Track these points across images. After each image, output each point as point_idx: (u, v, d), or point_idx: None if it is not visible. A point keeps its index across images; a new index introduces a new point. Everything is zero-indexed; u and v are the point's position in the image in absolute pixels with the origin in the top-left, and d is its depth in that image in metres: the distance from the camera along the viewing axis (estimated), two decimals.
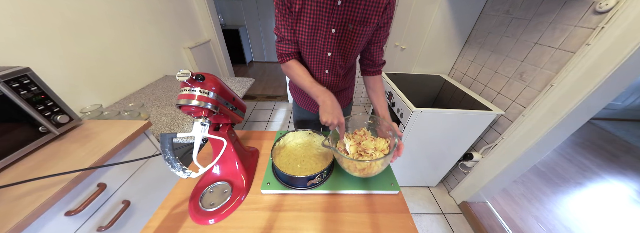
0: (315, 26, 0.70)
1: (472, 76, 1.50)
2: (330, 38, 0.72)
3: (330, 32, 0.71)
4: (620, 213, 1.63)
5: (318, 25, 0.70)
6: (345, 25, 0.70)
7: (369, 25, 0.70)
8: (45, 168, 0.62)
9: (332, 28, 0.70)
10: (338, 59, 0.79)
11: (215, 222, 0.55)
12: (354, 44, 0.75)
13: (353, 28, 0.70)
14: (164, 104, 1.23)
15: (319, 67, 0.83)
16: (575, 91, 0.91)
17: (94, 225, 0.68)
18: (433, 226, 1.45)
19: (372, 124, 0.72)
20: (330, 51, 0.76)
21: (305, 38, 0.73)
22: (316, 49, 0.76)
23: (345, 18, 0.68)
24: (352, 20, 0.69)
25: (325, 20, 0.68)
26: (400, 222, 0.57)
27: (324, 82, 0.88)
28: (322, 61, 0.80)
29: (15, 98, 0.61)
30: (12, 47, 0.84)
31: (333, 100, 0.64)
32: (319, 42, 0.74)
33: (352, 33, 0.71)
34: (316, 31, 0.71)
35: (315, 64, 0.82)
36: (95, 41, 1.15)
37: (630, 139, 2.54)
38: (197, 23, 2.11)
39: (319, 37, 0.73)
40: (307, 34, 0.72)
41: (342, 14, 0.67)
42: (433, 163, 1.52)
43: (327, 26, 0.70)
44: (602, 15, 0.84)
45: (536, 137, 1.07)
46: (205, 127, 0.48)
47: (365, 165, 0.59)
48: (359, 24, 0.69)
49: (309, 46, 0.76)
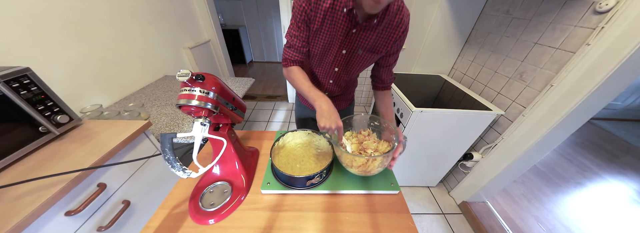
0: (328, 45, 0.74)
1: (472, 76, 1.50)
2: (340, 57, 0.77)
3: (341, 53, 0.75)
4: (620, 213, 1.63)
5: (331, 45, 0.74)
6: (356, 49, 0.74)
7: (377, 54, 0.75)
8: (45, 168, 0.62)
9: (343, 49, 0.74)
10: (343, 74, 0.84)
11: (215, 222, 0.55)
12: (361, 65, 0.80)
13: (362, 53, 0.75)
14: (164, 104, 1.23)
15: (324, 77, 0.87)
16: (575, 91, 0.91)
17: (94, 225, 0.68)
18: (433, 226, 1.45)
19: (378, 126, 0.73)
20: (337, 67, 0.81)
21: (317, 53, 0.78)
22: (325, 63, 0.81)
23: (357, 44, 0.72)
24: (363, 47, 0.73)
25: (338, 42, 0.72)
26: (400, 222, 0.57)
27: (327, 89, 0.92)
28: (329, 74, 0.85)
29: (15, 98, 0.61)
30: (12, 47, 0.84)
31: (330, 105, 0.65)
32: (328, 58, 0.78)
33: (361, 57, 0.76)
34: (329, 49, 0.75)
35: (322, 75, 0.87)
36: (95, 41, 1.15)
37: (630, 139, 2.54)
38: (197, 23, 2.11)
39: (330, 55, 0.77)
40: (320, 50, 0.76)
41: (355, 40, 0.71)
42: (433, 163, 1.52)
43: (340, 47, 0.74)
44: (602, 15, 0.84)
45: (536, 137, 1.07)
46: (205, 127, 0.48)
47: (362, 160, 0.61)
48: (368, 51, 0.74)
49: (319, 60, 0.81)
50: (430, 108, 1.15)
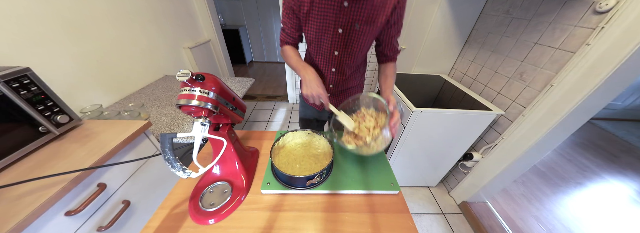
0: (323, 27, 0.71)
1: (472, 76, 1.50)
2: (337, 38, 0.74)
3: (338, 32, 0.72)
4: (620, 213, 1.63)
5: (326, 26, 0.71)
6: (353, 25, 0.70)
7: (376, 25, 0.71)
8: (45, 168, 0.62)
9: (339, 28, 0.71)
10: (345, 58, 0.81)
11: (215, 222, 0.55)
12: (361, 43, 0.76)
13: (360, 28, 0.71)
14: (164, 104, 1.23)
15: (326, 66, 0.85)
16: (575, 91, 0.91)
17: (94, 225, 0.68)
18: (433, 226, 1.45)
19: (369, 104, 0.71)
20: (337, 50, 0.78)
21: (313, 38, 0.76)
22: (323, 48, 0.78)
23: (353, 18, 0.69)
24: (359, 20, 0.69)
25: (332, 21, 0.70)
26: (400, 222, 0.57)
27: (330, 80, 0.90)
28: (329, 60, 0.82)
29: (15, 98, 0.61)
30: (12, 47, 0.84)
31: (315, 76, 0.69)
32: (325, 42, 0.76)
33: (359, 33, 0.72)
34: (324, 31, 0.73)
35: (323, 63, 0.84)
36: (95, 41, 1.15)
37: (631, 139, 2.54)
38: (197, 23, 2.11)
39: (326, 37, 0.74)
40: (315, 34, 0.74)
41: (349, 14, 0.68)
42: (433, 163, 1.52)
43: (335, 26, 0.71)
44: (602, 15, 0.84)
45: (536, 137, 1.07)
46: (205, 127, 0.48)
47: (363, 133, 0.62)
48: (366, 23, 0.70)
49: (316, 46, 0.78)
50: (430, 108, 1.15)
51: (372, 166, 0.72)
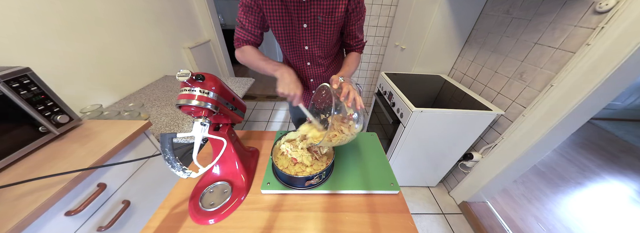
0: (287, 23, 0.73)
1: (472, 76, 1.50)
2: (303, 32, 0.76)
3: (303, 27, 0.74)
4: (620, 213, 1.63)
5: (290, 22, 0.73)
6: (315, 18, 0.72)
7: (337, 14, 0.72)
8: (45, 168, 0.62)
9: (303, 23, 0.73)
10: (316, 51, 0.82)
11: (215, 222, 0.55)
12: (328, 35, 0.77)
13: (323, 20, 0.73)
14: (164, 104, 1.23)
15: (300, 61, 0.86)
16: (575, 91, 0.91)
17: (94, 225, 0.68)
18: (433, 226, 1.45)
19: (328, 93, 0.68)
20: (306, 45, 0.80)
21: (282, 35, 0.77)
22: (293, 44, 0.80)
23: (314, 12, 0.71)
24: (320, 12, 0.71)
25: (295, 16, 0.71)
26: (400, 222, 0.57)
27: (308, 74, 0.91)
28: (302, 55, 0.83)
29: (15, 98, 0.61)
30: (12, 47, 0.84)
31: (291, 74, 0.67)
32: (294, 38, 0.78)
33: (323, 25, 0.74)
34: (290, 28, 0.75)
35: (296, 59, 0.85)
36: (95, 41, 1.15)
37: (631, 139, 2.54)
38: (197, 23, 2.11)
39: (294, 33, 0.76)
40: (282, 31, 0.75)
41: (309, 8, 0.70)
42: (433, 163, 1.52)
43: (299, 21, 0.73)
44: (602, 15, 0.84)
45: (536, 137, 1.07)
46: (205, 127, 0.48)
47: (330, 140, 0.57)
48: (328, 14, 0.72)
49: (287, 42, 0.80)
50: (430, 108, 1.15)
51: (372, 166, 0.72)
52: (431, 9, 1.46)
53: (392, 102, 1.43)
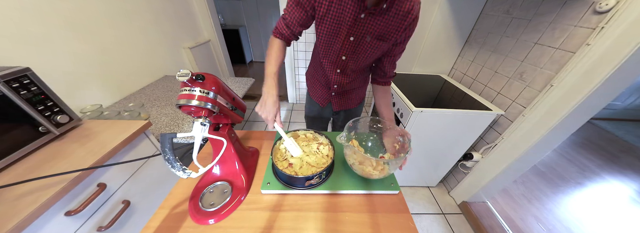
0: (335, 32, 0.73)
1: (472, 76, 1.50)
2: (347, 44, 0.76)
3: (349, 40, 0.74)
4: (620, 213, 1.63)
5: (338, 32, 0.73)
6: (364, 36, 0.72)
7: (386, 42, 0.73)
8: (45, 168, 0.62)
9: (351, 36, 0.73)
10: (351, 63, 0.83)
11: (215, 222, 0.55)
12: (368, 54, 0.78)
13: (370, 41, 0.73)
14: (164, 104, 1.23)
15: (331, 67, 0.86)
16: (575, 91, 0.91)
17: (94, 225, 0.68)
18: (433, 226, 1.45)
19: (380, 128, 0.73)
20: (345, 55, 0.80)
21: (324, 41, 0.77)
22: (332, 51, 0.80)
23: (365, 30, 0.71)
24: (371, 33, 0.71)
25: (345, 29, 0.71)
26: (400, 222, 0.57)
27: (334, 80, 0.91)
28: (336, 62, 0.84)
29: (15, 98, 0.61)
30: (12, 47, 0.84)
31: (274, 101, 0.69)
32: (335, 46, 0.77)
33: (369, 45, 0.74)
34: (336, 36, 0.74)
35: (329, 64, 0.85)
36: (95, 41, 1.14)
37: (631, 139, 2.54)
38: (197, 23, 2.11)
39: (337, 42, 0.76)
40: (326, 37, 0.75)
41: (363, 26, 0.70)
42: (433, 163, 1.52)
43: (347, 34, 0.73)
44: (602, 15, 0.84)
45: (536, 137, 1.07)
46: (205, 127, 0.48)
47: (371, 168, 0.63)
48: (377, 38, 0.72)
49: (325, 48, 0.79)
50: (430, 108, 1.15)
51: None
52: (431, 9, 1.46)
53: (392, 102, 1.43)
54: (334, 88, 0.95)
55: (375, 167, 0.63)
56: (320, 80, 0.98)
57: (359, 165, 0.63)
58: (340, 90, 0.97)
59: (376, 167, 0.63)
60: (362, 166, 0.63)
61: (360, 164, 0.64)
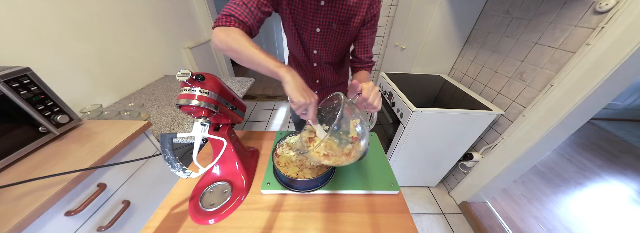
0: (300, 25, 0.72)
1: (472, 76, 1.49)
2: (315, 36, 0.75)
3: (315, 31, 0.73)
4: (620, 213, 1.63)
5: (304, 24, 0.72)
6: (330, 24, 0.71)
7: (352, 25, 0.72)
8: (45, 168, 0.62)
9: (316, 27, 0.72)
10: (324, 56, 0.82)
11: (215, 222, 0.55)
12: (338, 43, 0.77)
13: (337, 27, 0.72)
14: (164, 104, 1.23)
15: (307, 62, 0.85)
16: (575, 91, 0.91)
17: (94, 225, 0.68)
18: (433, 226, 1.45)
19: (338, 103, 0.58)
20: (315, 49, 0.79)
21: (291, 35, 0.76)
22: (302, 45, 0.79)
23: (330, 18, 0.70)
24: (336, 20, 0.70)
25: (310, 20, 0.70)
26: (400, 222, 0.57)
27: (315, 76, 0.90)
28: (309, 56, 0.83)
29: (15, 98, 0.61)
30: (12, 47, 0.84)
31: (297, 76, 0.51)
32: (305, 40, 0.76)
33: (336, 32, 0.73)
34: (302, 29, 0.73)
35: (303, 59, 0.84)
36: (95, 40, 1.14)
37: (631, 139, 2.54)
38: (197, 23, 2.11)
39: (305, 35, 0.75)
40: (294, 30, 0.74)
41: (326, 14, 0.69)
42: (433, 163, 1.52)
43: (312, 25, 0.71)
44: (602, 15, 0.84)
45: (536, 137, 1.07)
46: (205, 127, 0.48)
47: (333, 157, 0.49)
48: (343, 23, 0.71)
49: (295, 42, 0.79)
50: (430, 108, 1.15)
51: (372, 166, 0.72)
52: (431, 9, 1.46)
53: (392, 102, 1.43)
54: (317, 84, 0.94)
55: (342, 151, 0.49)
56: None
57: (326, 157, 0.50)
58: (322, 86, 0.96)
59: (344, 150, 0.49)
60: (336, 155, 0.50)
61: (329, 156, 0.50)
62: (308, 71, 0.89)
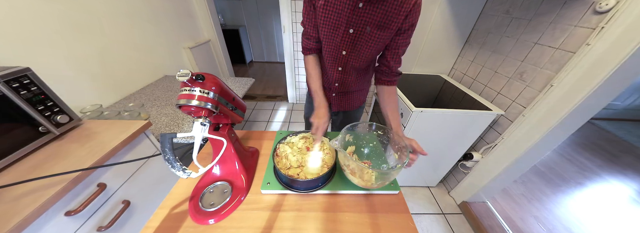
0: (335, 24, 0.71)
1: (472, 76, 1.50)
2: (346, 37, 0.74)
3: (348, 32, 0.72)
4: (620, 213, 1.63)
5: (338, 24, 0.71)
6: (364, 27, 0.70)
7: (387, 31, 0.70)
8: (45, 168, 0.62)
9: (350, 28, 0.71)
10: (352, 59, 0.80)
11: (215, 222, 0.55)
12: (370, 47, 0.75)
13: (371, 31, 0.71)
14: (164, 104, 1.23)
15: (333, 64, 0.84)
16: (575, 91, 0.91)
17: (94, 225, 0.68)
18: (433, 226, 1.45)
19: (382, 135, 0.71)
20: (345, 50, 0.78)
21: (324, 34, 0.75)
22: (333, 46, 0.78)
23: (365, 20, 0.69)
24: (371, 23, 0.69)
25: (345, 20, 0.70)
26: (400, 222, 0.57)
27: (335, 79, 0.89)
28: (337, 59, 0.81)
29: (15, 98, 0.61)
30: (13, 47, 0.84)
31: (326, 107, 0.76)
32: (335, 40, 0.75)
33: (369, 36, 0.72)
34: (335, 28, 0.72)
35: (330, 61, 0.83)
36: (95, 40, 1.14)
37: (631, 139, 2.54)
38: (197, 23, 2.11)
39: (337, 35, 0.74)
40: (327, 30, 0.74)
41: (362, 16, 0.68)
42: (433, 163, 1.52)
43: (346, 26, 0.71)
44: (602, 15, 0.84)
45: (536, 137, 1.07)
46: (205, 127, 0.48)
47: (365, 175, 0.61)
48: (378, 28, 0.70)
49: (326, 42, 0.78)
50: (430, 108, 1.15)
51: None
52: (431, 9, 1.46)
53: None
54: (335, 87, 0.93)
55: (361, 175, 0.60)
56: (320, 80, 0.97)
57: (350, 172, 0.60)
58: (341, 90, 0.95)
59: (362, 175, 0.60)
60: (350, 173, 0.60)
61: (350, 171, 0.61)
62: (330, 73, 0.88)
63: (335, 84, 0.92)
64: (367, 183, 0.58)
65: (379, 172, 0.59)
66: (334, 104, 1.03)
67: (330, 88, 0.96)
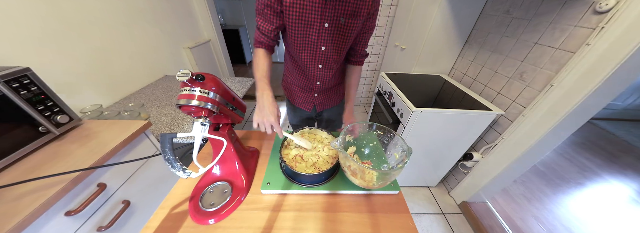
0: (308, 21, 0.71)
1: (472, 76, 1.50)
2: (323, 32, 0.73)
3: (324, 27, 0.72)
4: (620, 213, 1.63)
5: (312, 20, 0.71)
6: (338, 19, 0.71)
7: (359, 18, 0.72)
8: (45, 168, 0.62)
9: (325, 22, 0.71)
10: (332, 53, 0.80)
11: (215, 222, 0.55)
12: (347, 37, 0.76)
13: (345, 21, 0.71)
14: (164, 104, 1.23)
15: (312, 62, 0.83)
16: (575, 91, 0.91)
17: (94, 225, 0.68)
18: (433, 226, 1.45)
19: (382, 135, 0.71)
20: (324, 45, 0.77)
21: (298, 33, 0.74)
22: (309, 43, 0.77)
23: (337, 12, 0.69)
24: (344, 13, 0.70)
25: (318, 15, 0.69)
26: (400, 222, 0.57)
27: (317, 77, 0.88)
28: (316, 55, 0.80)
29: (15, 98, 0.61)
30: (13, 48, 0.84)
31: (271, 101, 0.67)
32: (312, 37, 0.75)
33: (345, 26, 0.73)
34: (310, 25, 0.72)
35: (309, 59, 0.82)
36: (95, 40, 1.14)
37: (630, 139, 2.54)
38: (197, 23, 2.11)
39: (313, 32, 0.73)
40: (301, 28, 0.73)
41: (334, 7, 0.68)
42: (433, 163, 1.52)
43: (321, 20, 0.71)
44: (602, 15, 0.84)
45: (536, 137, 1.07)
46: (205, 127, 0.48)
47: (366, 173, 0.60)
48: (351, 16, 0.71)
49: (301, 41, 0.77)
50: (430, 108, 1.15)
51: None
52: (431, 9, 1.46)
53: (392, 102, 1.43)
54: (317, 85, 0.92)
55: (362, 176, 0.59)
56: (300, 84, 0.96)
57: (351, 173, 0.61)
58: (322, 88, 0.95)
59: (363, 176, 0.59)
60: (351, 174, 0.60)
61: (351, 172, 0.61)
62: (310, 73, 0.87)
63: (316, 83, 0.91)
64: (368, 183, 0.59)
65: (380, 172, 0.59)
66: (318, 105, 1.02)
67: (312, 88, 0.94)
